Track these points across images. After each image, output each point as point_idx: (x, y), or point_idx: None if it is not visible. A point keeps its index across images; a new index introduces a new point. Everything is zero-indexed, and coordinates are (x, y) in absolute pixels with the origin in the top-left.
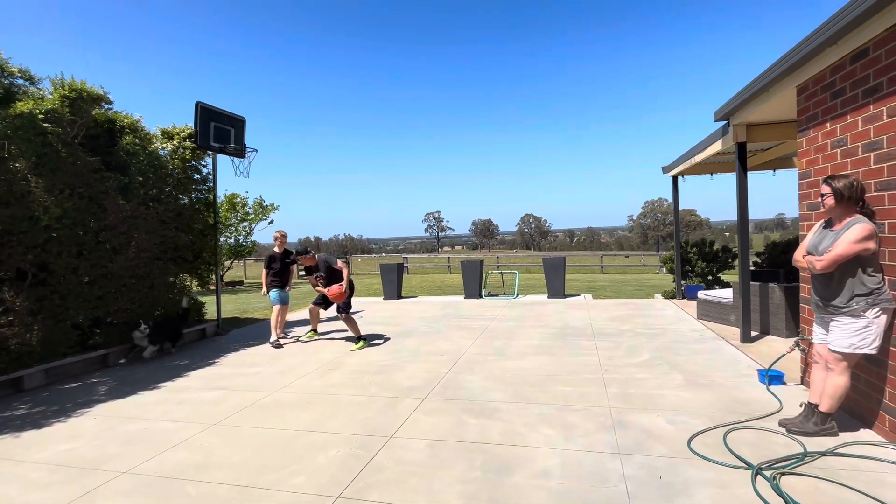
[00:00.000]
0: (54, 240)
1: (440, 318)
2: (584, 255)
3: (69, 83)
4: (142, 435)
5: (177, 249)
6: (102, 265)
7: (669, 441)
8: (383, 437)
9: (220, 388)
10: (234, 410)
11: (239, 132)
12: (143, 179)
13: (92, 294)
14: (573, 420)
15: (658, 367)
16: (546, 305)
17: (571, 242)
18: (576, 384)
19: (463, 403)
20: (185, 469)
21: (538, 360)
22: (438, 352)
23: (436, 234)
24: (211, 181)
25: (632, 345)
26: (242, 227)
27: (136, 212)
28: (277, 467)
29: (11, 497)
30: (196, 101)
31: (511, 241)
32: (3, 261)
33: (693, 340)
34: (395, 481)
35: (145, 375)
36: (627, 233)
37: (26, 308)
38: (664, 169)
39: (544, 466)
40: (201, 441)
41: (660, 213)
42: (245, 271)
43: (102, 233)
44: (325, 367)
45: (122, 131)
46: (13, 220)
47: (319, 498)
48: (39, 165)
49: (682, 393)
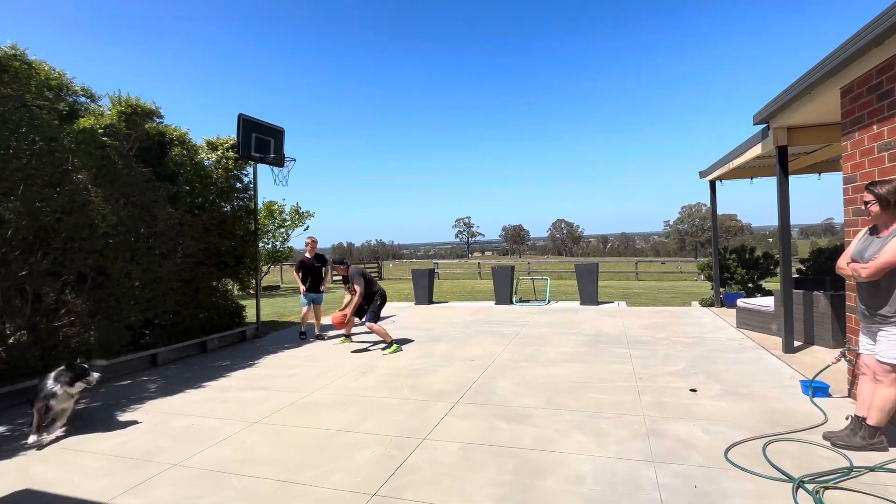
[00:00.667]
0: (111, 246)
1: (471, 323)
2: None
3: (125, 99)
4: (189, 431)
5: (220, 255)
6: (152, 270)
7: (705, 451)
8: (416, 439)
9: (260, 389)
10: (273, 410)
11: (278, 142)
12: (189, 188)
13: (143, 297)
14: (606, 427)
15: (695, 376)
16: (578, 312)
17: (605, 248)
18: (609, 392)
19: (495, 408)
20: (230, 463)
21: (571, 367)
22: (469, 357)
23: (466, 239)
24: (252, 189)
25: (667, 353)
26: (279, 233)
27: (183, 219)
28: (315, 465)
29: (76, 484)
30: (238, 113)
31: (542, 246)
32: (67, 265)
33: (732, 350)
34: (429, 482)
35: (191, 375)
36: (664, 238)
37: (86, 309)
38: (701, 174)
39: (577, 472)
40: (244, 438)
41: (698, 217)
42: (282, 276)
43: (152, 239)
44: (358, 370)
45: (171, 143)
46: (76, 228)
47: (356, 495)
48: (99, 176)
49: (720, 403)
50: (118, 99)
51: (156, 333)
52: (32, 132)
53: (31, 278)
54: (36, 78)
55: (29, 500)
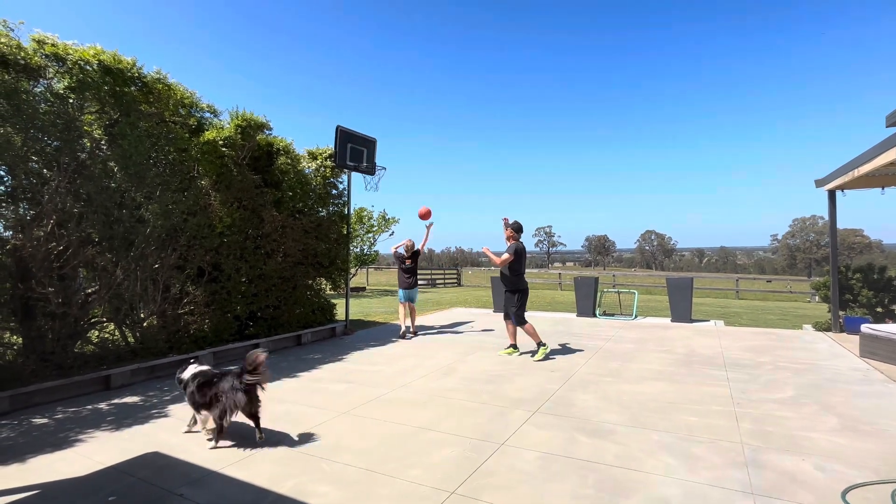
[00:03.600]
0: (224, 244)
1: (550, 334)
2: (715, 278)
3: (241, 114)
4: (286, 415)
5: (316, 256)
6: (258, 267)
7: (817, 489)
8: (494, 444)
9: (347, 382)
10: (360, 402)
11: (371, 152)
12: (292, 194)
13: (249, 291)
14: (698, 452)
15: (805, 407)
16: (669, 329)
17: (700, 263)
18: (702, 415)
19: (575, 421)
20: (321, 448)
21: (658, 385)
22: (549, 368)
23: (546, 249)
24: (345, 196)
25: (772, 379)
26: (367, 237)
27: (285, 222)
28: (397, 458)
29: (193, 452)
30: (336, 125)
31: (629, 258)
32: (189, 260)
33: (854, 381)
34: (506, 486)
35: (287, 365)
36: (770, 254)
37: (203, 300)
38: (818, 182)
39: (663, 494)
40: (333, 426)
41: (813, 232)
42: (367, 278)
43: (259, 239)
44: (439, 371)
45: (278, 153)
46: (198, 227)
47: (436, 491)
48: (218, 182)
49: (837, 438)
50: (235, 114)
51: (258, 325)
52: (168, 144)
53: (162, 271)
54: (173, 97)
55: (158, 460)
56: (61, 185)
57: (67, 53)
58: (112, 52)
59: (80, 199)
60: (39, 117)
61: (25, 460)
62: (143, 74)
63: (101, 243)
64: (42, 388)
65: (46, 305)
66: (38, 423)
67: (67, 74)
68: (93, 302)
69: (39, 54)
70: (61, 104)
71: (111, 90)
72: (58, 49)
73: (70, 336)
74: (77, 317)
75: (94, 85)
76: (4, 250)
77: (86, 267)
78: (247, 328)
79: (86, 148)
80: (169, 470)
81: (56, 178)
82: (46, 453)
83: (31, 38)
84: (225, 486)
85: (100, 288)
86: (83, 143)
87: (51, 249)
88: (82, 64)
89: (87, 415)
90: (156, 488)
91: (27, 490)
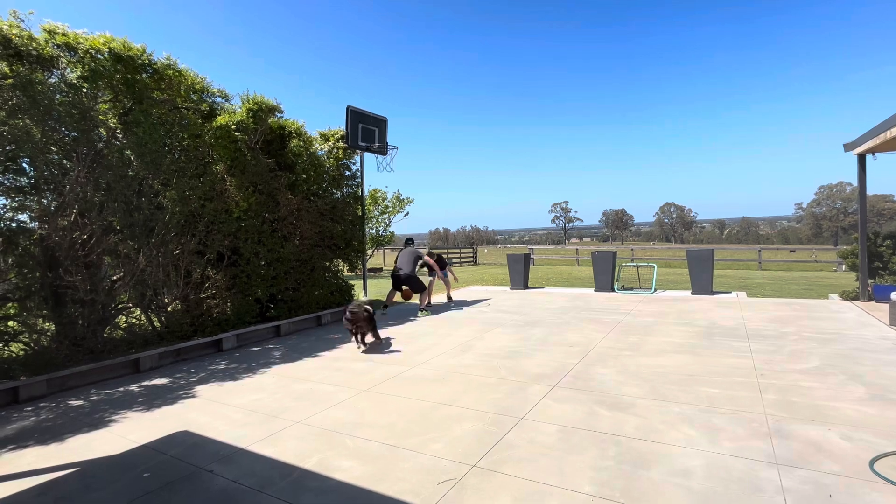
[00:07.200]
0: (242, 229)
1: (568, 309)
2: (736, 249)
3: (252, 98)
4: (309, 394)
5: (332, 237)
6: (276, 250)
7: (844, 459)
8: (514, 418)
9: (367, 360)
10: (380, 380)
11: (382, 131)
12: (305, 177)
13: (268, 274)
14: (719, 423)
15: (831, 377)
16: (689, 302)
17: (721, 234)
18: (724, 387)
19: (595, 395)
20: (344, 425)
21: (679, 358)
22: (567, 343)
23: (563, 224)
24: (359, 177)
25: (796, 349)
26: (382, 218)
27: (300, 205)
28: (419, 432)
29: (220, 430)
30: (347, 105)
31: (647, 232)
32: (208, 245)
33: (883, 350)
34: (527, 459)
35: (308, 345)
36: (794, 223)
37: (223, 284)
38: (847, 146)
39: (685, 466)
40: (355, 403)
41: (840, 199)
42: (384, 259)
43: (275, 223)
44: (457, 348)
45: (290, 136)
46: (215, 213)
47: (457, 464)
48: (232, 167)
49: (865, 408)
50: (246, 97)
51: (279, 307)
52: (182, 130)
53: (183, 256)
54: (184, 83)
55: (188, 439)
56: (81, 174)
57: (78, 42)
58: (122, 40)
59: (100, 188)
60: (55, 108)
61: (64, 440)
62: (154, 61)
63: (123, 231)
64: (75, 371)
65: (75, 293)
66: (74, 405)
67: (80, 64)
68: (118, 288)
69: (51, 44)
70: (76, 94)
71: (123, 78)
72: (69, 38)
73: (99, 322)
74: (104, 303)
75: (106, 73)
76: (32, 240)
77: (110, 254)
78: (268, 310)
79: (102, 137)
80: (199, 448)
81: (75, 168)
82: (83, 433)
83: (42, 29)
84: (253, 463)
85: (124, 275)
86: (99, 133)
87: (75, 238)
88: (93, 53)
89: (119, 396)
90: (187, 465)
91: (67, 468)
